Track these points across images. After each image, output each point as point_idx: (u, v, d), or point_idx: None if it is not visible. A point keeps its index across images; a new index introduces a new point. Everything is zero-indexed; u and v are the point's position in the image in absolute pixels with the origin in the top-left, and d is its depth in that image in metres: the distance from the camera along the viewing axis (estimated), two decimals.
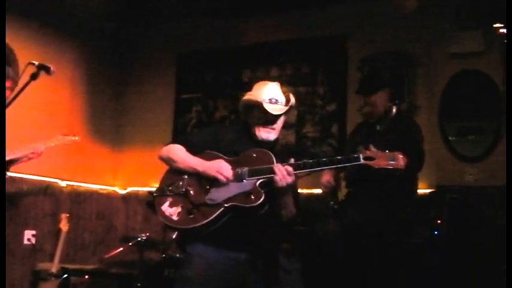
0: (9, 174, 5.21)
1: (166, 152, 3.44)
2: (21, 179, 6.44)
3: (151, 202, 5.40)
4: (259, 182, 3.12)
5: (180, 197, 3.26)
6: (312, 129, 6.75)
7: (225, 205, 3.12)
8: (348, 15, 6.71)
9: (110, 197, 7.84)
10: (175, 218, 3.22)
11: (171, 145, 3.47)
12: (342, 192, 4.90)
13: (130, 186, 7.85)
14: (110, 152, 7.91)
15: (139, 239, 6.35)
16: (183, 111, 7.66)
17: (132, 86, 8.07)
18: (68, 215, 6.72)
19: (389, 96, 4.77)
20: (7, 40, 6.36)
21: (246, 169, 3.18)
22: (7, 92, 4.93)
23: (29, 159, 5.33)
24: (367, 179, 4.34)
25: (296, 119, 6.73)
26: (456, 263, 4.85)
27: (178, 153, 3.38)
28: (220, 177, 3.18)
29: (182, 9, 7.40)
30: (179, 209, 3.22)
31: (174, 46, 7.86)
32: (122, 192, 7.90)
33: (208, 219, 3.12)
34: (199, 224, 3.13)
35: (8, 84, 4.92)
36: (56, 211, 6.93)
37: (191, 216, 3.17)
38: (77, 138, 5.71)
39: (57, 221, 6.74)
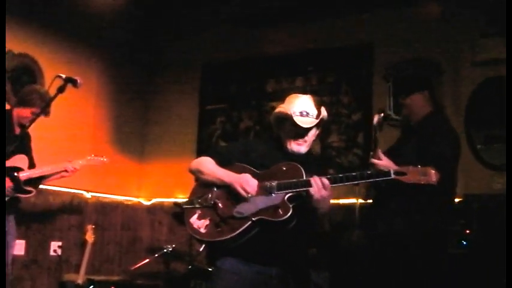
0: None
1: (195, 164, 3.44)
2: (47, 190, 6.46)
3: (177, 213, 5.45)
4: (287, 196, 3.09)
5: (209, 210, 3.25)
6: (337, 138, 6.71)
7: (253, 219, 3.09)
8: (372, 24, 6.68)
9: (135, 208, 7.86)
10: (202, 230, 3.20)
11: (201, 157, 3.47)
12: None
13: (155, 197, 7.86)
14: (135, 163, 7.94)
15: (165, 250, 6.35)
16: (207, 122, 7.67)
17: (156, 97, 8.11)
18: (93, 226, 6.73)
19: (429, 100, 4.63)
20: (32, 53, 6.45)
21: (274, 183, 3.15)
22: (29, 113, 4.95)
23: (62, 176, 5.39)
24: (395, 189, 4.28)
25: (321, 129, 6.68)
26: (486, 274, 4.78)
27: (207, 165, 3.38)
28: (242, 192, 3.17)
29: (206, 20, 7.43)
30: (207, 222, 3.21)
31: (198, 57, 7.88)
32: (147, 203, 7.91)
33: (235, 233, 3.10)
34: (226, 237, 3.12)
35: (34, 110, 4.92)
36: (81, 222, 6.97)
37: (219, 229, 3.15)
38: (105, 159, 5.74)
39: (83, 232, 6.76)
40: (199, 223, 3.23)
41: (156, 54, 8.18)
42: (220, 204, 3.22)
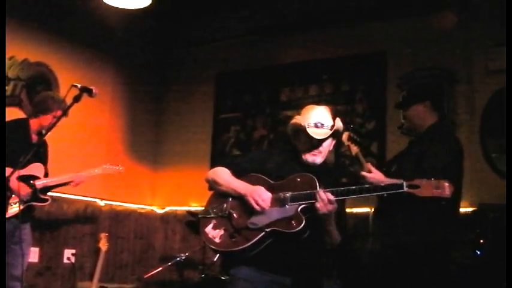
0: (49, 194, 5.28)
1: (211, 174, 3.46)
2: (62, 198, 6.49)
3: (190, 222, 5.44)
4: (301, 207, 3.10)
5: (224, 220, 3.27)
6: None
7: (266, 230, 3.11)
8: (387, 33, 6.67)
9: (148, 217, 7.87)
10: (217, 240, 3.23)
11: (217, 168, 3.48)
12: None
13: (169, 206, 7.86)
14: (149, 171, 7.96)
15: (178, 258, 6.35)
16: (221, 130, 7.68)
17: (170, 106, 8.14)
18: (107, 234, 6.75)
19: (430, 111, 4.63)
20: (48, 62, 6.49)
21: (288, 194, 3.16)
22: (51, 119, 5.00)
23: (75, 185, 5.41)
24: (399, 198, 4.31)
25: (337, 139, 6.67)
26: (500, 284, 4.74)
27: (223, 175, 3.40)
28: (256, 206, 3.18)
29: (221, 29, 7.45)
30: (222, 232, 3.24)
31: (212, 66, 7.90)
32: (160, 211, 7.92)
33: (249, 244, 3.12)
34: (240, 247, 3.14)
35: (58, 113, 5.00)
36: (95, 230, 6.99)
37: (233, 239, 3.18)
38: (121, 168, 5.77)
39: (97, 240, 6.78)
40: (214, 233, 3.26)
41: (170, 64, 8.21)
42: (235, 215, 3.25)
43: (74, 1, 6.62)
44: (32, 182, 4.99)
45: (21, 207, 4.87)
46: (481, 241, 5.10)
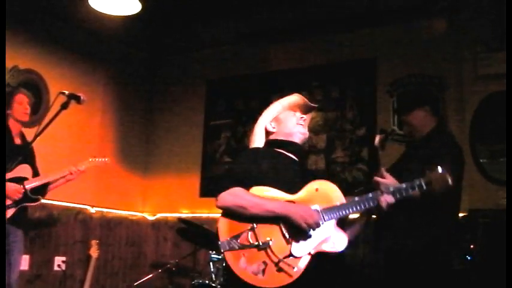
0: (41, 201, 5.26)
1: (232, 200, 2.99)
2: (52, 205, 6.48)
3: (182, 229, 5.39)
4: (336, 221, 2.97)
5: (257, 250, 2.90)
6: (341, 154, 6.69)
7: (311, 252, 2.88)
8: (376, 39, 6.69)
9: (139, 223, 7.85)
10: (261, 277, 2.85)
11: (233, 190, 3.01)
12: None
13: (160, 213, 7.84)
14: (139, 178, 7.94)
15: (169, 265, 6.33)
16: (212, 137, 7.67)
17: (161, 112, 8.13)
18: (97, 241, 6.73)
19: (431, 115, 4.63)
20: (38, 69, 6.48)
21: (319, 209, 2.96)
22: (17, 107, 5.06)
23: (67, 180, 5.34)
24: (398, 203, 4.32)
25: (325, 144, 6.69)
26: None
27: (248, 197, 2.98)
28: (306, 227, 2.90)
29: (212, 36, 7.45)
30: (262, 266, 2.86)
31: (203, 73, 7.91)
32: (151, 218, 7.90)
33: (300, 272, 2.84)
34: (293, 279, 2.84)
35: (20, 97, 5.08)
36: (86, 237, 6.96)
37: (281, 272, 2.85)
38: (107, 159, 5.73)
39: (87, 247, 6.76)
40: (253, 268, 2.87)
41: (161, 70, 8.22)
42: (271, 243, 2.90)
43: (63, 7, 6.59)
44: (21, 184, 4.97)
45: (13, 210, 4.85)
46: (472, 246, 5.10)
